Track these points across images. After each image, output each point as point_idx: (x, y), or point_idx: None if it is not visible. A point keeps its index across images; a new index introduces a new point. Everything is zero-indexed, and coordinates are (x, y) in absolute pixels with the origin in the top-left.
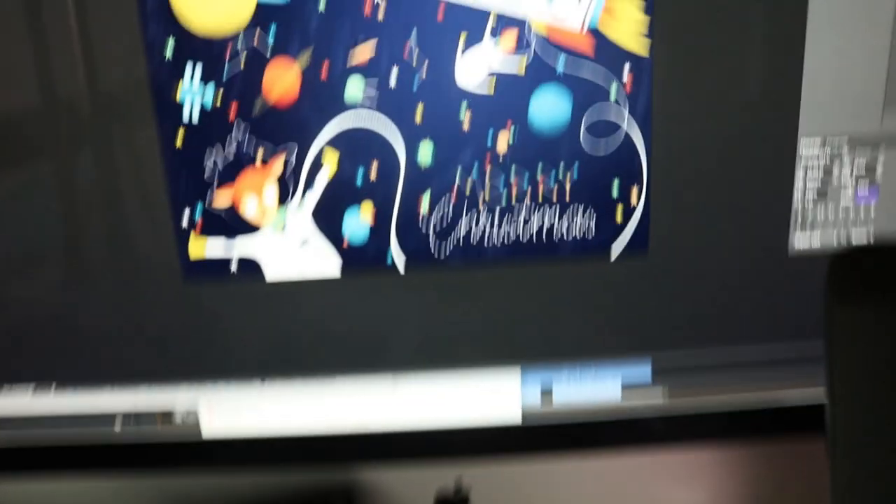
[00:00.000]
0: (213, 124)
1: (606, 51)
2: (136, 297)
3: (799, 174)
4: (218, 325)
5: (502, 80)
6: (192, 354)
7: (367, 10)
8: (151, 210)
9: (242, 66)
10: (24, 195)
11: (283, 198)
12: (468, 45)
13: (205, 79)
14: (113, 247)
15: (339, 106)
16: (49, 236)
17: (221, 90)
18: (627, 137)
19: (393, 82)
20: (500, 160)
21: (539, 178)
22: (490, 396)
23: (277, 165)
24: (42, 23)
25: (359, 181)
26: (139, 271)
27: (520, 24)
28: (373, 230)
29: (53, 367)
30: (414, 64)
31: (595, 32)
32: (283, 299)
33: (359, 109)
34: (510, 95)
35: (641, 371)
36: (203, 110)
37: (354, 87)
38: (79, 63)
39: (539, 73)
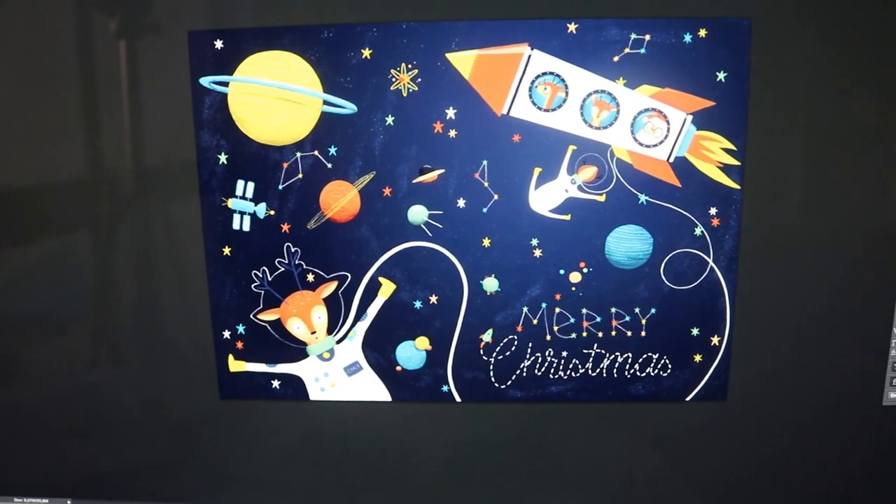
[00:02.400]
0: (263, 238)
1: (694, 181)
2: (168, 411)
3: None
4: (253, 446)
5: (578, 211)
6: (220, 477)
7: (438, 128)
8: (193, 320)
9: (299, 182)
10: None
11: (332, 326)
12: (542, 178)
13: (258, 190)
14: (147, 354)
15: (398, 236)
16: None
17: (276, 203)
18: (711, 275)
19: (458, 215)
20: (572, 296)
21: (613, 315)
22: None
23: (327, 291)
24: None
25: (416, 313)
26: (173, 385)
27: (601, 152)
28: (428, 357)
29: (72, 480)
30: (482, 196)
31: (682, 162)
32: (326, 421)
33: (419, 242)
34: (586, 227)
35: None
36: (254, 221)
37: (416, 218)
38: (129, 157)
39: (619, 202)
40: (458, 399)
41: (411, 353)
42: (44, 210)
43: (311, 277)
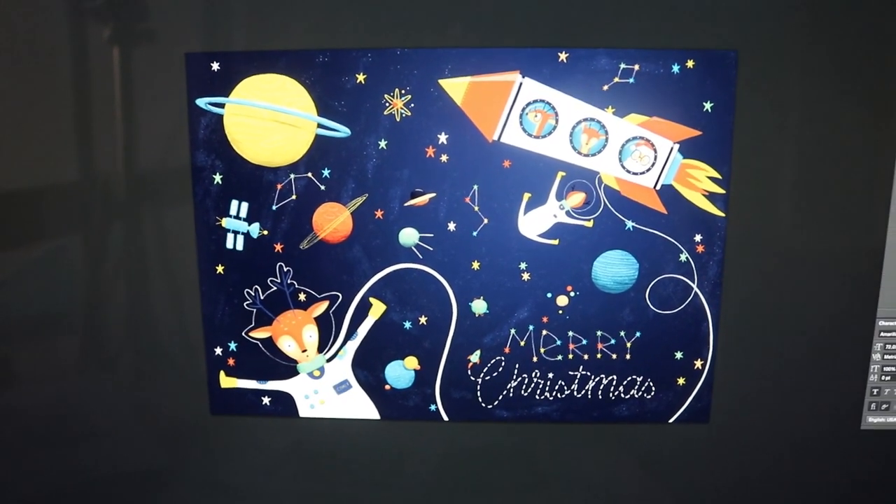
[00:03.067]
0: (256, 257)
1: (679, 209)
2: (158, 424)
3: (876, 347)
4: (242, 461)
5: (566, 236)
6: (209, 491)
7: (430, 153)
8: (185, 336)
9: (293, 203)
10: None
11: (323, 344)
12: (532, 203)
13: (252, 210)
14: (138, 364)
15: (389, 258)
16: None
17: (269, 223)
18: (696, 300)
19: (448, 238)
20: (558, 318)
21: (598, 338)
22: None
23: (319, 310)
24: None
25: (405, 334)
26: (164, 397)
27: (589, 179)
28: (417, 377)
29: (58, 489)
30: (473, 220)
31: (669, 189)
32: (315, 437)
33: (409, 263)
34: (574, 252)
35: None
36: (248, 240)
37: (407, 240)
38: (123, 176)
39: (606, 228)
40: (445, 418)
41: (400, 372)
42: (36, 215)
43: (302, 297)
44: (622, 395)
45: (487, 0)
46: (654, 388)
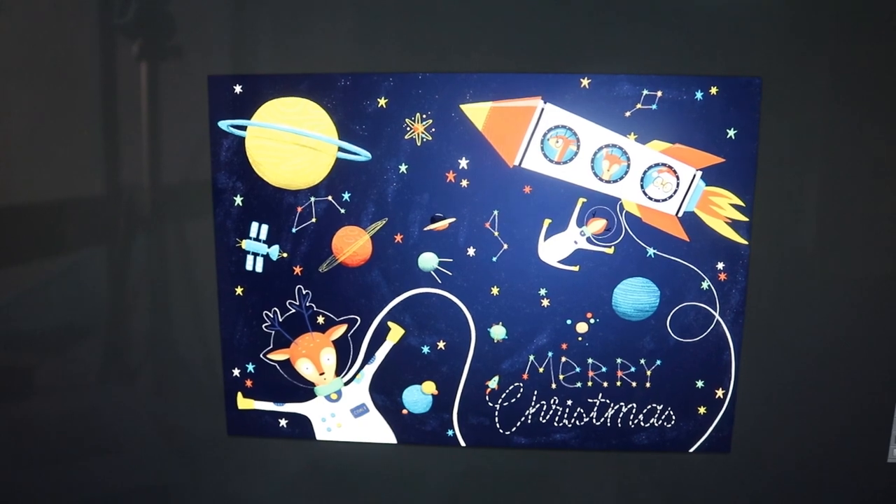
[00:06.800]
0: (275, 279)
1: (702, 236)
2: (175, 443)
3: None
4: (258, 482)
5: (587, 262)
6: None
7: (451, 178)
8: (203, 357)
9: (313, 226)
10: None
11: (341, 368)
12: (552, 229)
13: (272, 232)
14: (158, 380)
15: (408, 282)
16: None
17: (289, 246)
18: (717, 328)
19: (467, 263)
20: (578, 345)
21: (618, 365)
22: None
23: (337, 333)
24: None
25: (423, 358)
26: (182, 415)
27: (611, 205)
28: (435, 402)
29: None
30: (493, 245)
31: (691, 216)
32: (332, 460)
33: (428, 288)
34: (594, 278)
35: None
36: (267, 262)
37: (426, 265)
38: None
39: (628, 255)
40: (462, 444)
41: (418, 397)
42: (61, 228)
43: (321, 319)
44: (642, 424)
45: (509, 25)
46: (674, 417)
